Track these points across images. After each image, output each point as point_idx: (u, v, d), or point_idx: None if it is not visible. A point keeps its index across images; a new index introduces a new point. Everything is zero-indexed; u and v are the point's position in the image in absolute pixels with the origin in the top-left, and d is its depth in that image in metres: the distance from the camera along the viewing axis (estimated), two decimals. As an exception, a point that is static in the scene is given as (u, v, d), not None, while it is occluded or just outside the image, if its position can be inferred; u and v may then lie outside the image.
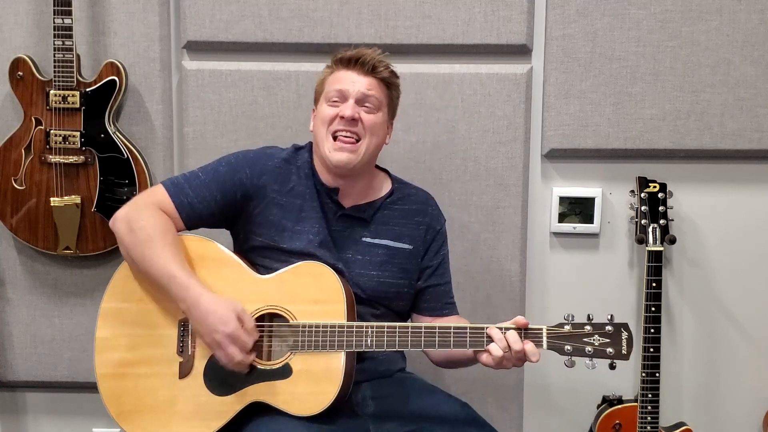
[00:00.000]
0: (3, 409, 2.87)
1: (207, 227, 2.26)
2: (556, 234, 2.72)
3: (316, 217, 2.21)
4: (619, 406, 2.60)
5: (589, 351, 2.01)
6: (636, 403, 2.53)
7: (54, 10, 2.47)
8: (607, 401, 2.63)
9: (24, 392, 2.86)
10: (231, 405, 2.08)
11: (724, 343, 2.74)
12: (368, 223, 2.24)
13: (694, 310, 2.73)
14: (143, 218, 2.13)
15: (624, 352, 2.02)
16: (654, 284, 2.49)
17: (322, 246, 2.19)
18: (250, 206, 2.21)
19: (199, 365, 2.11)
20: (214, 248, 2.18)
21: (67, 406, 2.85)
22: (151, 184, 2.62)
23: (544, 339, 2.01)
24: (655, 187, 2.56)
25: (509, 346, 1.99)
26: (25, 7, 2.62)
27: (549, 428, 2.80)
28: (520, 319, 2.02)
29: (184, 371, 2.12)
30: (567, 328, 2.02)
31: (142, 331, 2.15)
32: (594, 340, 2.02)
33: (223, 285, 2.13)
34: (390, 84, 2.22)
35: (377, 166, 2.34)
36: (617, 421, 2.59)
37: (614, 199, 2.68)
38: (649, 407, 2.50)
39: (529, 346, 2.00)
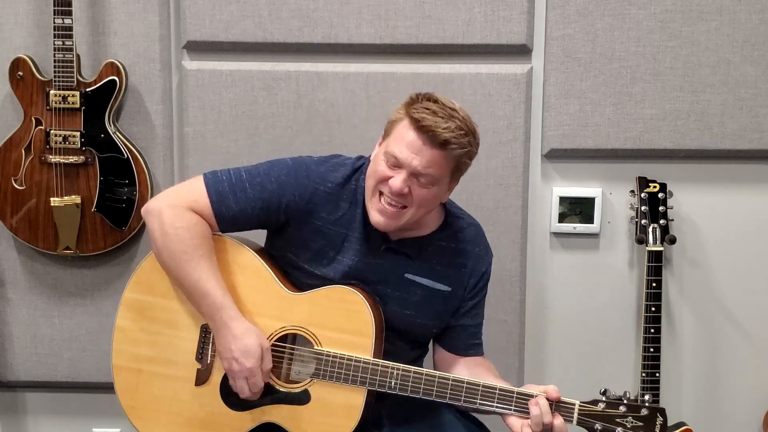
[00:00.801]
0: (3, 409, 2.87)
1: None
2: (556, 234, 2.72)
3: (356, 249, 2.10)
4: (619, 406, 2.59)
5: None
6: (636, 403, 2.53)
7: (54, 10, 2.47)
8: (607, 401, 2.63)
9: (24, 392, 2.86)
10: (244, 422, 2.06)
11: (724, 343, 2.74)
12: (412, 259, 2.13)
13: (694, 310, 2.73)
14: (179, 224, 2.02)
15: None
16: (654, 284, 2.49)
17: (360, 277, 2.09)
18: (291, 227, 2.11)
19: (217, 376, 2.08)
20: (248, 256, 2.10)
21: (67, 406, 2.85)
22: (151, 185, 2.61)
23: (575, 416, 1.94)
24: (655, 187, 2.56)
25: (542, 421, 1.93)
26: (25, 7, 2.62)
27: (549, 428, 2.80)
28: (551, 391, 1.95)
29: (201, 379, 2.09)
30: (601, 406, 1.94)
31: (163, 329, 2.12)
32: (627, 422, 1.93)
33: (251, 295, 2.08)
34: (461, 161, 2.02)
35: None
36: (617, 421, 2.58)
37: (614, 199, 2.68)
38: (649, 407, 2.50)
39: (558, 421, 1.93)
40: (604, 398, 1.95)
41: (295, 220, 2.09)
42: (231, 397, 2.07)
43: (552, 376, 2.78)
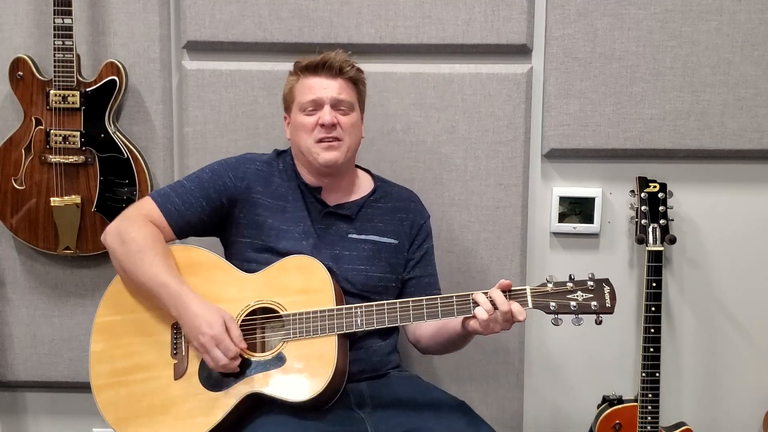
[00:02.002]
0: (3, 409, 2.87)
1: (197, 235, 2.30)
2: (556, 234, 2.72)
3: (300, 215, 2.27)
4: (619, 406, 2.59)
5: (574, 307, 2.05)
6: (636, 403, 2.53)
7: (54, 10, 2.47)
8: (608, 401, 2.63)
9: (24, 392, 2.86)
10: (228, 398, 2.09)
11: (724, 343, 2.74)
12: (352, 220, 2.30)
13: (694, 310, 2.73)
14: (133, 230, 2.18)
15: (608, 305, 2.06)
16: (654, 284, 2.49)
17: (309, 243, 2.23)
18: (236, 210, 2.27)
19: (194, 364, 2.13)
20: (202, 254, 2.23)
21: (67, 406, 2.85)
22: (151, 184, 2.62)
23: (529, 298, 2.05)
24: (655, 187, 2.56)
25: (496, 307, 2.02)
26: (25, 7, 2.62)
27: (549, 428, 2.80)
28: (503, 282, 2.06)
29: (179, 372, 2.14)
30: (550, 286, 2.06)
31: (137, 340, 2.18)
32: (577, 296, 2.06)
33: (214, 287, 2.17)
34: (358, 81, 2.28)
35: (359, 167, 2.38)
36: (617, 421, 2.59)
37: (614, 199, 2.68)
38: (649, 407, 2.50)
39: (515, 305, 2.02)
40: (550, 280, 2.07)
41: (236, 200, 2.26)
42: (211, 381, 2.11)
43: (552, 376, 2.78)
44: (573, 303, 2.05)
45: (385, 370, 2.29)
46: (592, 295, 2.06)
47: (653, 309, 2.49)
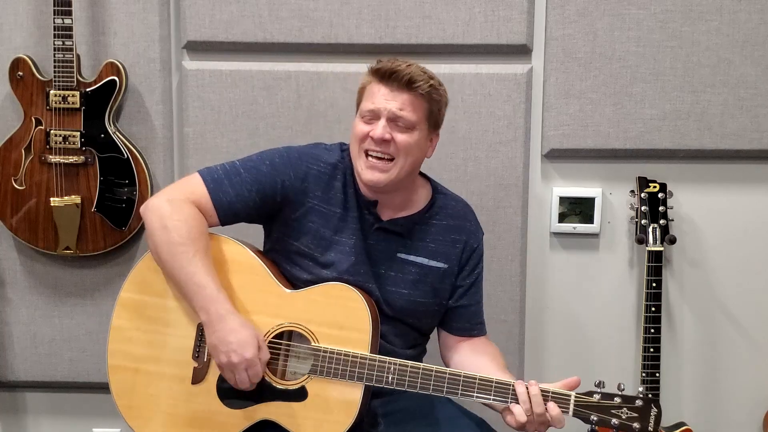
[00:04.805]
0: (3, 409, 2.87)
1: (240, 222, 2.19)
2: (556, 234, 2.72)
3: (353, 228, 2.14)
4: (619, 406, 2.59)
5: (615, 424, 1.95)
6: (636, 403, 2.52)
7: (54, 10, 2.47)
8: (607, 401, 2.63)
9: (24, 392, 2.86)
10: (241, 419, 2.05)
11: (724, 343, 2.74)
12: (404, 237, 2.17)
13: (694, 310, 2.73)
14: (179, 216, 2.04)
15: (650, 429, 1.94)
16: (654, 284, 2.49)
17: (356, 259, 2.13)
18: (289, 209, 2.14)
19: (213, 374, 2.07)
20: (244, 254, 2.12)
21: (67, 406, 2.85)
22: (151, 184, 2.61)
23: (571, 406, 1.96)
24: (655, 187, 2.56)
25: (531, 408, 1.95)
26: (25, 7, 2.62)
27: (549, 428, 2.79)
28: (569, 380, 1.99)
29: (198, 377, 2.08)
30: (596, 397, 1.97)
31: (159, 328, 2.11)
32: (622, 413, 1.95)
33: (248, 293, 2.09)
34: (431, 99, 2.09)
35: (421, 173, 2.25)
36: (617, 421, 2.58)
37: (614, 199, 2.68)
38: (649, 407, 2.50)
39: (555, 411, 1.95)
40: (599, 390, 1.97)
41: (291, 200, 2.12)
42: (228, 395, 2.06)
43: (552, 376, 2.77)
44: (615, 420, 1.94)
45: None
46: (636, 415, 1.94)
47: (653, 309, 2.49)
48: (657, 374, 2.50)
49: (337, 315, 2.05)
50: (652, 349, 2.50)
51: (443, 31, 2.59)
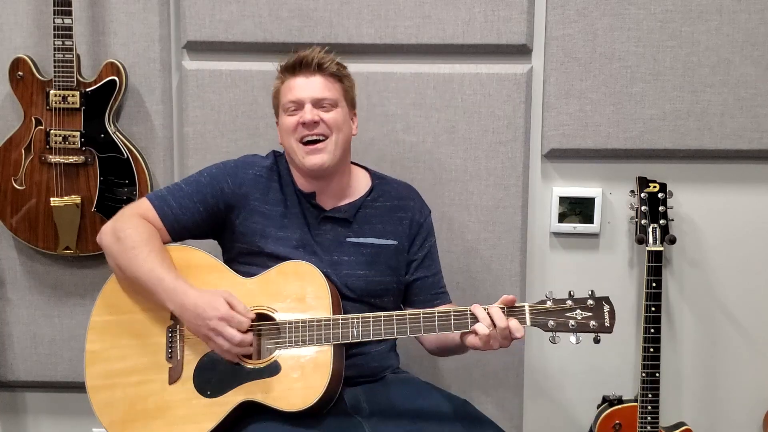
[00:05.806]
0: (3, 409, 2.87)
1: (193, 238, 2.29)
2: (556, 234, 2.72)
3: (298, 223, 2.24)
4: (619, 406, 2.60)
5: (573, 325, 2.04)
6: (636, 403, 2.53)
7: (54, 10, 2.47)
8: (608, 401, 2.63)
9: (24, 392, 2.86)
10: (222, 406, 2.08)
11: (724, 343, 2.74)
12: (351, 223, 2.26)
13: (694, 310, 2.73)
14: (129, 227, 2.17)
15: (607, 324, 2.04)
16: (654, 284, 2.49)
17: (306, 251, 2.21)
18: (233, 216, 2.24)
19: (189, 369, 2.12)
20: (198, 255, 2.22)
21: (67, 406, 2.85)
22: (151, 185, 2.62)
23: (527, 315, 2.03)
24: (655, 187, 2.56)
25: (494, 323, 2.00)
26: (25, 7, 2.62)
27: (549, 428, 2.80)
28: (506, 297, 2.04)
29: (174, 376, 2.13)
30: (549, 304, 2.05)
31: (132, 341, 2.17)
32: (576, 314, 2.04)
33: (214, 288, 2.14)
34: (340, 77, 2.24)
35: (355, 163, 2.35)
36: (617, 421, 2.59)
37: (614, 199, 2.68)
38: (649, 407, 2.50)
39: (513, 322, 2.01)
40: (550, 297, 2.05)
41: (233, 206, 2.24)
42: (205, 387, 2.10)
43: (552, 376, 2.78)
44: (571, 321, 2.03)
45: (382, 374, 2.27)
46: (591, 314, 2.04)
47: (653, 309, 2.49)
48: (657, 374, 2.50)
49: (294, 288, 2.13)
50: (652, 349, 2.50)
51: (443, 31, 2.59)
